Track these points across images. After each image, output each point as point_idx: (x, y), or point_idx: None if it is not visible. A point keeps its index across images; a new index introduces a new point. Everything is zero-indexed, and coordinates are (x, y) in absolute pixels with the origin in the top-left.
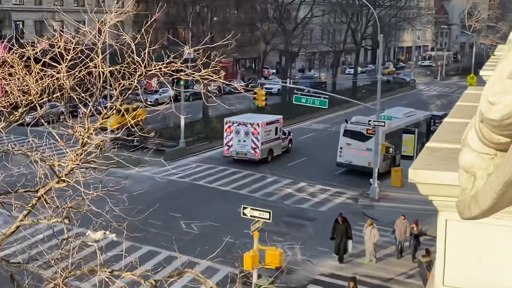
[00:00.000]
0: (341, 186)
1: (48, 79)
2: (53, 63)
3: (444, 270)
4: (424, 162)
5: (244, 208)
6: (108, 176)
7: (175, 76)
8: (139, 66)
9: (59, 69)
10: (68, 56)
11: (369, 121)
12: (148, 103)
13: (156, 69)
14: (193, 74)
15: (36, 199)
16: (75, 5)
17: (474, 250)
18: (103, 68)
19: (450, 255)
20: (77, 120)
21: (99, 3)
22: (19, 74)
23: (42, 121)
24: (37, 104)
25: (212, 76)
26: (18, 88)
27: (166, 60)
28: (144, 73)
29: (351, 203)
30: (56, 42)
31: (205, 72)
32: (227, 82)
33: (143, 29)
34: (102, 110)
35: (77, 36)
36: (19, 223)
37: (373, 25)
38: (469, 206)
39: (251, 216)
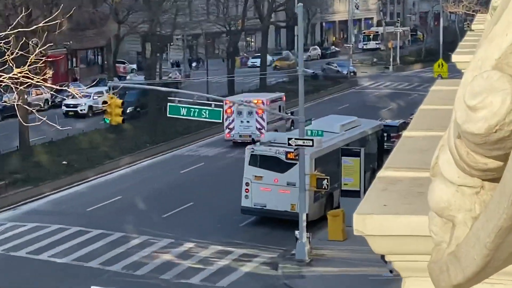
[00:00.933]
0: (250, 245)
1: None
2: None
3: None
4: (376, 201)
5: None
6: None
7: None
8: None
9: None
10: None
11: (289, 139)
12: None
13: None
14: (1, 76)
15: None
16: None
17: None
18: None
19: None
20: None
21: None
22: None
23: None
24: None
25: (32, 79)
26: None
27: None
28: None
29: (268, 271)
30: None
31: (20, 72)
32: (57, 87)
33: None
34: None
35: None
36: None
37: None
38: (447, 269)
39: None
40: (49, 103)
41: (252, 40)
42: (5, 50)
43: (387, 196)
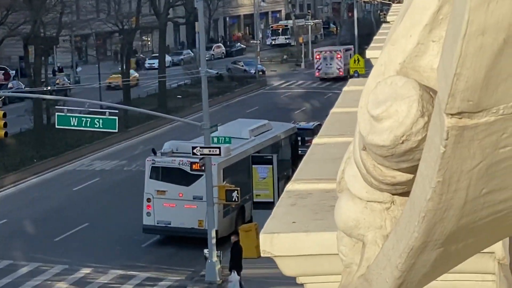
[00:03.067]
0: (154, 268)
1: None
2: None
3: None
4: (284, 218)
5: None
6: None
7: None
8: None
9: None
10: None
11: (194, 148)
12: None
13: None
14: None
15: None
16: None
17: None
18: None
19: None
20: None
21: None
22: None
23: None
24: None
25: None
26: None
27: None
28: None
29: None
30: None
31: None
32: None
33: None
34: None
35: None
36: None
37: None
38: None
39: None
40: None
41: (149, 39)
42: None
43: (297, 212)
